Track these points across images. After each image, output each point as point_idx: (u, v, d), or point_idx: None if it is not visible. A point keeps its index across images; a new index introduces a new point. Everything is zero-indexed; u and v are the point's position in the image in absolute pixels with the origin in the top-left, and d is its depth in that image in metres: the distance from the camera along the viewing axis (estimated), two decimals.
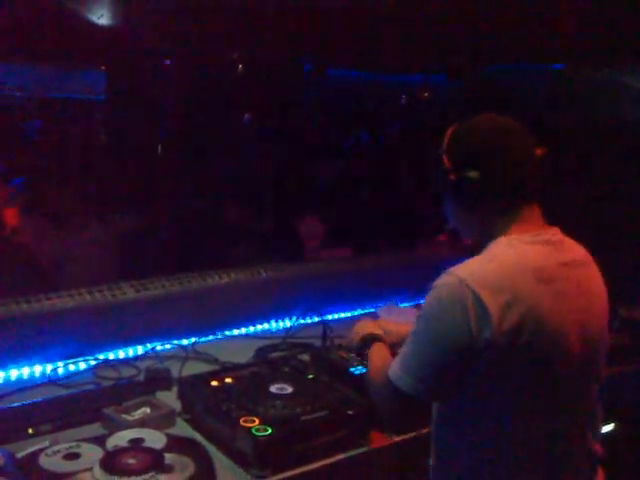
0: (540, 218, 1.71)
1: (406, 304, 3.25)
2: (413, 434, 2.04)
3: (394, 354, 1.78)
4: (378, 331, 2.12)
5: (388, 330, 2.17)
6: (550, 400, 1.60)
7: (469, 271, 1.57)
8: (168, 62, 6.10)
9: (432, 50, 6.02)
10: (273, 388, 2.10)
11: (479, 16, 4.79)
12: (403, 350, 1.65)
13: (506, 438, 1.60)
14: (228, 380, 2.16)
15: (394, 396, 1.65)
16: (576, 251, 1.72)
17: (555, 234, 1.69)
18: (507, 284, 1.54)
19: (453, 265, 1.62)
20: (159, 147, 6.18)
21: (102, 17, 5.36)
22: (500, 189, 1.65)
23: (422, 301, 1.66)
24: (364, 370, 2.11)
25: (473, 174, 1.63)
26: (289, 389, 2.09)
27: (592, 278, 1.72)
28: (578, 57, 5.11)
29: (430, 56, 6.39)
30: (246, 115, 6.39)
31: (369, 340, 2.05)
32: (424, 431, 1.93)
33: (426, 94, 7.12)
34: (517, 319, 1.52)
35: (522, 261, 1.59)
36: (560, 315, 1.58)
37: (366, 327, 2.16)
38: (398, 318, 2.61)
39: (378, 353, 1.97)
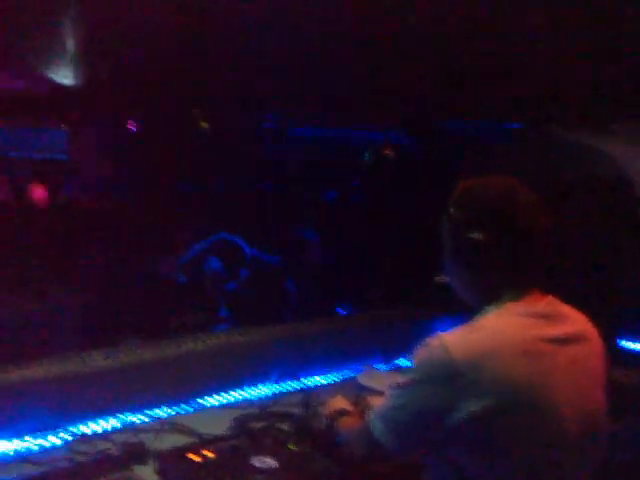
0: (537, 287, 1.67)
1: (383, 366, 3.19)
2: None
3: None
4: (348, 407, 2.12)
5: (371, 406, 2.11)
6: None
7: (455, 340, 1.56)
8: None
9: (390, 105, 6.07)
10: (255, 461, 2.06)
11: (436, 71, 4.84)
12: (385, 397, 1.69)
13: None
14: (208, 454, 2.11)
15: (367, 436, 1.69)
16: (574, 325, 1.67)
17: (549, 304, 1.66)
18: (489, 358, 1.51)
19: (430, 327, 1.62)
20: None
21: (66, 78, 5.35)
22: (501, 257, 1.63)
23: (400, 362, 1.67)
24: None
25: (475, 236, 1.62)
26: (272, 463, 2.05)
27: (590, 354, 1.67)
28: (537, 118, 5.21)
29: (388, 111, 6.44)
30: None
31: (337, 416, 2.05)
32: None
33: (387, 152, 7.20)
34: (495, 395, 1.50)
35: (508, 334, 1.56)
36: (547, 392, 1.54)
37: (337, 403, 2.15)
38: (380, 385, 2.58)
39: (349, 420, 2.00)
